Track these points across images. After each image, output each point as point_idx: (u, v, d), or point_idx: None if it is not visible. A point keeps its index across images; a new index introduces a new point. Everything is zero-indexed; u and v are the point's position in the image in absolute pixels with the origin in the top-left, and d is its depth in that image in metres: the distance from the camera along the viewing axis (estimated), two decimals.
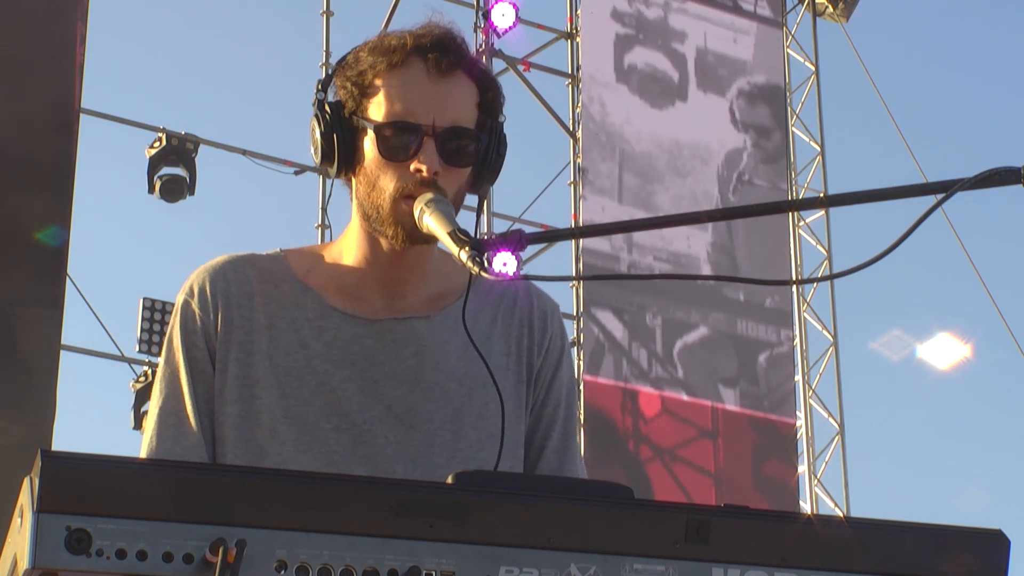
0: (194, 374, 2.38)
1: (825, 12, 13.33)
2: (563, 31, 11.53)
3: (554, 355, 2.52)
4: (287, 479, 1.69)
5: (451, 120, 2.33)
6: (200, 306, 2.40)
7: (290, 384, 2.37)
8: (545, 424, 2.50)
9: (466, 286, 2.41)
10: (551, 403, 2.50)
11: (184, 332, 2.40)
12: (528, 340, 2.49)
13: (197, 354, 2.38)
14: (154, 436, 2.36)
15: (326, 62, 10.78)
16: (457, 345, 2.42)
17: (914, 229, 1.99)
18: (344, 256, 2.43)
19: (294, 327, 2.39)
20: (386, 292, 2.42)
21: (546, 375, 2.50)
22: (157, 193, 10.34)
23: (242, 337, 2.39)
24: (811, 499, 12.02)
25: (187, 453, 2.34)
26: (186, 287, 2.43)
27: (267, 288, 2.42)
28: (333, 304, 2.41)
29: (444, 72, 2.34)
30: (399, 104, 2.33)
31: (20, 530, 1.59)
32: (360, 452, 2.36)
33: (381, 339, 2.40)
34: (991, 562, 1.79)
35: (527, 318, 2.50)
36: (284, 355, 2.38)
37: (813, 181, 12.89)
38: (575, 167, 11.07)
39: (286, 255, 2.47)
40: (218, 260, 2.45)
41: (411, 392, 2.39)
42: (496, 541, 1.67)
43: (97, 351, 10.33)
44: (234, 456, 2.35)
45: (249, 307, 2.40)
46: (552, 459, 2.49)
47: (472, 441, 2.40)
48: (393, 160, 2.32)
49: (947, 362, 12.78)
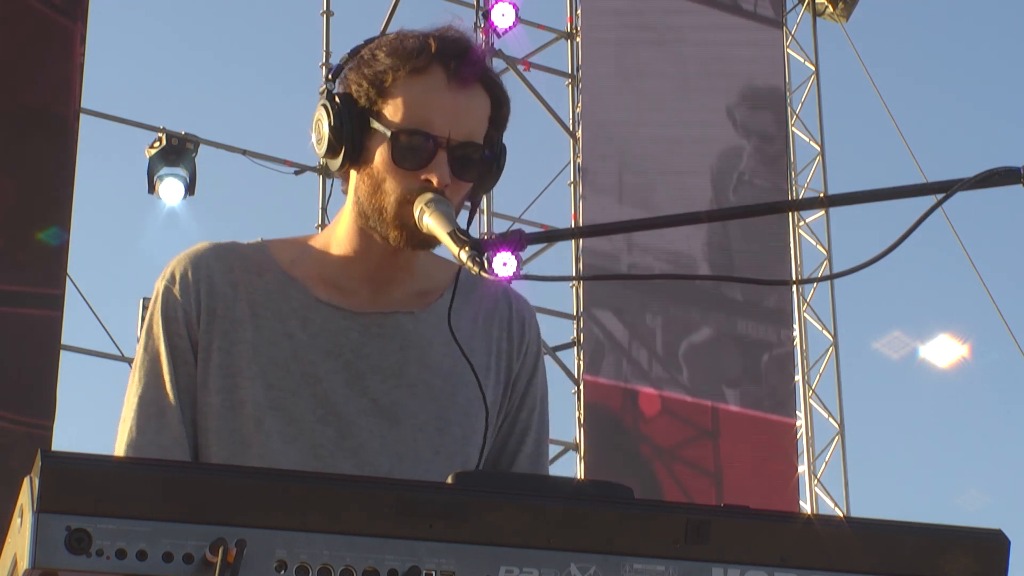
0: (176, 363, 2.35)
1: (825, 12, 13.32)
2: (563, 31, 11.53)
3: (531, 360, 2.52)
4: (287, 479, 1.69)
5: (465, 134, 2.33)
6: (182, 293, 2.38)
7: (275, 375, 2.36)
8: (520, 428, 2.51)
9: (449, 284, 2.43)
10: (526, 408, 2.51)
11: (165, 320, 2.37)
12: (507, 343, 2.50)
13: (179, 343, 2.36)
14: (134, 426, 2.34)
15: (326, 62, 10.77)
16: (441, 342, 2.42)
17: (914, 229, 1.99)
18: (332, 248, 2.42)
19: (279, 317, 2.38)
20: (373, 286, 2.41)
21: (523, 380, 2.51)
22: (157, 193, 10.34)
23: (225, 326, 2.37)
24: (811, 499, 12.02)
25: (170, 444, 2.32)
26: (167, 273, 2.40)
27: (251, 278, 2.40)
28: (318, 296, 2.40)
29: (464, 84, 2.33)
30: (417, 111, 2.32)
31: (20, 530, 1.59)
32: (346, 445, 2.35)
33: (367, 332, 2.39)
34: (991, 562, 1.79)
35: (507, 321, 2.51)
36: (269, 345, 2.36)
37: (813, 181, 12.89)
38: (575, 167, 11.07)
39: (268, 245, 2.46)
40: (200, 247, 2.43)
41: (396, 387, 2.39)
42: (496, 541, 1.67)
43: (97, 351, 10.32)
44: (217, 447, 2.34)
45: (233, 296, 2.38)
46: (525, 464, 2.50)
47: (457, 437, 2.41)
48: (404, 167, 2.32)
49: (947, 362, 12.78)
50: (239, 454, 2.32)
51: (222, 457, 2.33)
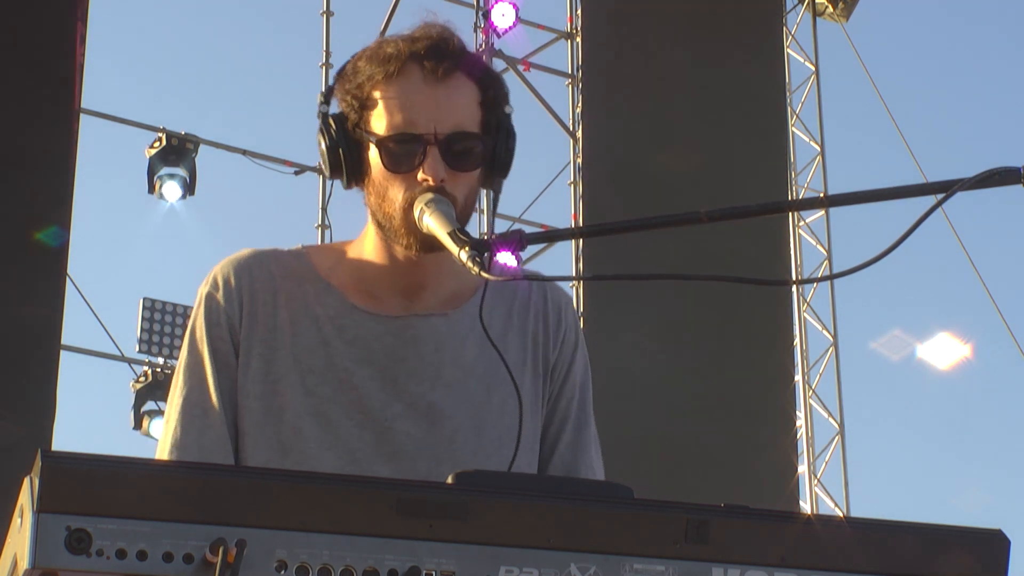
0: (219, 367, 2.39)
1: (825, 12, 13.32)
2: (563, 31, 11.53)
3: (568, 348, 2.53)
4: (287, 479, 1.69)
5: (453, 125, 2.33)
6: (225, 299, 2.41)
7: (313, 382, 2.38)
8: (559, 417, 2.52)
9: (481, 284, 2.43)
10: (565, 396, 2.52)
11: (209, 324, 2.40)
12: (543, 334, 2.51)
13: (222, 347, 2.39)
14: (178, 427, 2.37)
15: (326, 62, 10.78)
16: (475, 342, 2.43)
17: (914, 229, 1.99)
18: (365, 255, 2.44)
19: (316, 325, 2.41)
20: (405, 291, 2.43)
21: (561, 368, 2.52)
22: (157, 193, 10.34)
23: (265, 334, 2.40)
24: (811, 499, 12.02)
25: (213, 446, 2.35)
26: (210, 279, 2.43)
27: (290, 285, 2.43)
28: (354, 302, 2.42)
29: (441, 77, 2.33)
30: (399, 115, 2.33)
31: (20, 530, 1.59)
32: (383, 450, 2.37)
33: (402, 336, 2.41)
34: (991, 562, 1.79)
35: (541, 312, 2.52)
36: (307, 353, 2.39)
37: (813, 181, 12.90)
38: (575, 167, 11.06)
39: (308, 252, 2.48)
40: (243, 253, 2.46)
41: (432, 389, 2.40)
42: (496, 541, 1.67)
43: (97, 351, 10.32)
44: (255, 451, 2.36)
45: (273, 303, 2.41)
46: (565, 452, 2.51)
47: (492, 438, 2.42)
48: (398, 172, 2.33)
49: (947, 362, 12.78)
50: (278, 459, 2.35)
51: (260, 461, 2.35)
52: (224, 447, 2.35)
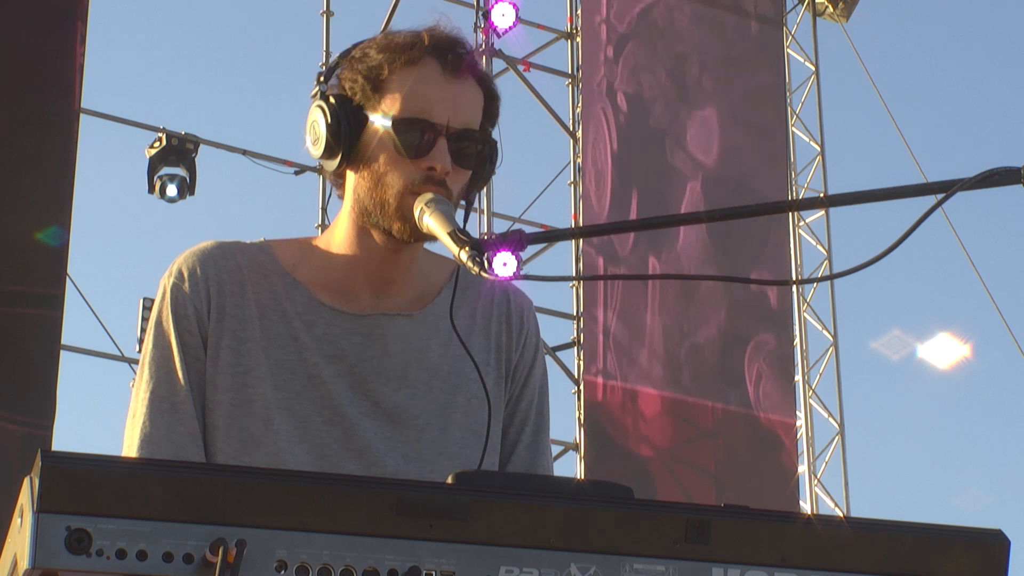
0: (187, 359, 2.36)
1: (825, 12, 13.32)
2: (563, 31, 11.52)
3: (530, 351, 2.55)
4: (287, 479, 1.69)
5: (463, 122, 2.35)
6: (192, 290, 2.38)
7: (282, 376, 2.37)
8: (519, 419, 2.53)
9: (446, 282, 2.46)
10: (525, 398, 2.54)
11: (176, 316, 2.37)
12: (506, 336, 2.52)
13: (190, 340, 2.37)
14: (147, 421, 2.34)
15: (326, 62, 10.74)
16: (439, 343, 2.44)
17: (914, 229, 1.99)
18: (333, 250, 2.43)
19: (285, 319, 2.40)
20: (374, 289, 2.43)
21: (522, 371, 2.54)
22: (157, 193, 10.33)
23: (235, 325, 2.38)
24: (811, 499, 12.02)
25: (184, 440, 2.33)
26: (174, 270, 2.40)
27: (257, 278, 2.41)
28: (321, 299, 2.41)
29: (458, 74, 2.36)
30: (416, 101, 2.34)
31: (20, 530, 1.59)
32: (352, 445, 2.37)
33: (370, 335, 2.41)
34: (991, 562, 1.79)
35: (505, 314, 2.53)
36: (277, 348, 2.38)
37: (813, 181, 12.89)
38: (575, 167, 11.06)
39: (271, 245, 2.47)
40: (205, 245, 2.43)
41: (398, 390, 2.41)
42: (496, 541, 1.67)
43: (97, 351, 10.31)
44: (226, 444, 2.35)
45: (241, 295, 2.40)
46: (524, 453, 2.52)
47: (457, 438, 2.43)
48: (407, 156, 2.33)
49: (947, 362, 12.78)
50: (248, 452, 2.34)
51: (230, 454, 2.34)
52: (196, 441, 2.34)
